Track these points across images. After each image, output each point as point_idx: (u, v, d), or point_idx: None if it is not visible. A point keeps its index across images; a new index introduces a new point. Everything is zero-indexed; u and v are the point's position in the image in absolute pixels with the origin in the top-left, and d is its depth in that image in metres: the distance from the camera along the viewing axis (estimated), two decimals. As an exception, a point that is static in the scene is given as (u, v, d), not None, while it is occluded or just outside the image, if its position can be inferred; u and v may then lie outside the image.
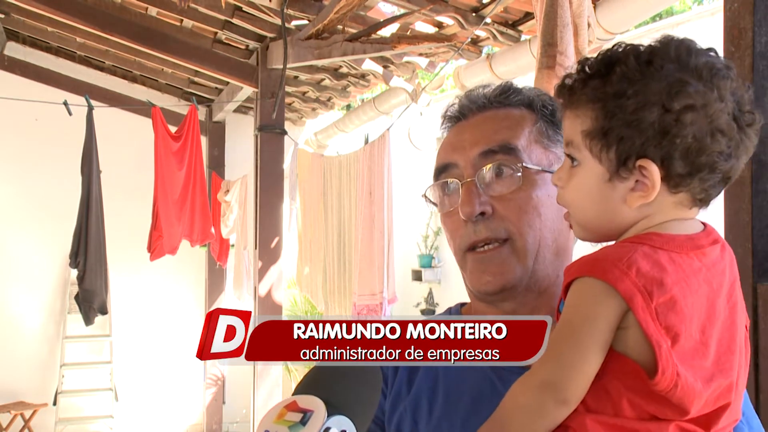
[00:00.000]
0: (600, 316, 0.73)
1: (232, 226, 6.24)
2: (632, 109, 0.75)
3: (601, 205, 0.79)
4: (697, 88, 0.74)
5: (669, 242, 0.76)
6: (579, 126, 0.79)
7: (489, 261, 0.95)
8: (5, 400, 6.46)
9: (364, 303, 4.04)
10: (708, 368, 0.74)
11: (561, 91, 0.83)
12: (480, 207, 0.94)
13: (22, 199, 6.64)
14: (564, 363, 0.73)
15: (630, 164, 0.76)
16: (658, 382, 0.71)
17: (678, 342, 0.72)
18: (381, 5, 4.17)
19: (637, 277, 0.72)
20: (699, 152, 0.75)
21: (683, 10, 7.30)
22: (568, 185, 0.82)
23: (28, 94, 5.67)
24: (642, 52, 0.77)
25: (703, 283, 0.75)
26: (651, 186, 0.76)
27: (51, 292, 6.80)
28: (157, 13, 4.94)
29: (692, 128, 0.74)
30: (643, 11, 2.90)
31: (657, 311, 0.72)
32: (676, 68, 0.75)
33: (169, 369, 7.09)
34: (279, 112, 4.92)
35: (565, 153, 0.83)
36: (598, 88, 0.78)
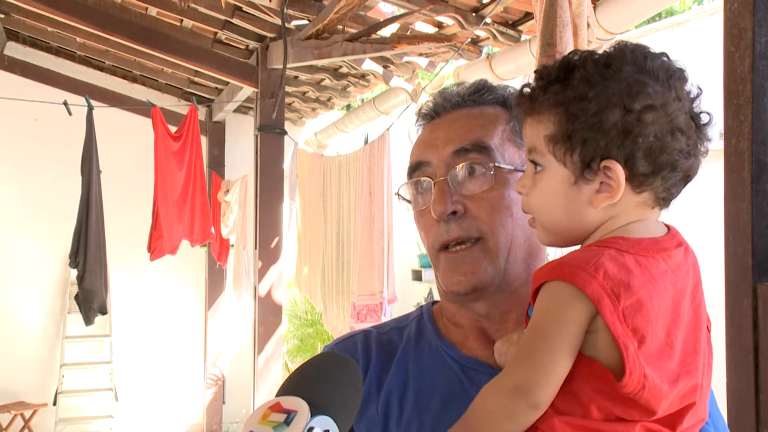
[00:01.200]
0: (569, 319, 0.74)
1: (232, 226, 6.24)
2: (594, 111, 0.76)
3: (567, 209, 0.80)
4: (655, 89, 0.76)
5: (635, 245, 0.77)
6: (542, 131, 0.80)
7: (461, 261, 0.94)
8: (5, 400, 6.46)
9: (363, 303, 4.04)
10: (674, 369, 0.75)
11: (521, 99, 0.83)
12: (452, 206, 0.94)
13: (22, 199, 6.64)
14: (535, 367, 0.74)
15: (594, 166, 0.77)
16: (625, 384, 0.72)
17: (644, 344, 0.73)
18: (381, 5, 4.17)
19: (604, 280, 0.73)
20: (661, 151, 0.77)
21: (683, 10, 7.31)
22: (533, 191, 0.83)
23: (28, 94, 5.67)
24: (599, 56, 0.79)
25: (669, 286, 0.76)
26: (616, 186, 0.77)
27: (51, 292, 6.81)
28: (157, 13, 4.94)
29: (653, 127, 0.76)
30: (643, 11, 2.90)
31: (624, 313, 0.73)
32: (633, 70, 0.77)
33: (169, 369, 7.09)
34: (279, 112, 4.92)
35: (528, 160, 0.83)
36: (559, 93, 0.79)
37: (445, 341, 0.99)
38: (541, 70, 0.83)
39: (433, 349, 0.99)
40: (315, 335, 7.02)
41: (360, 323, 4.00)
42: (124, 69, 6.70)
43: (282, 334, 5.16)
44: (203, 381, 7.02)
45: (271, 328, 4.87)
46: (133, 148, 6.47)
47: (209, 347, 7.03)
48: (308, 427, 0.67)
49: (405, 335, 1.03)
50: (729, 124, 1.41)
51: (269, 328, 4.86)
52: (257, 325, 4.87)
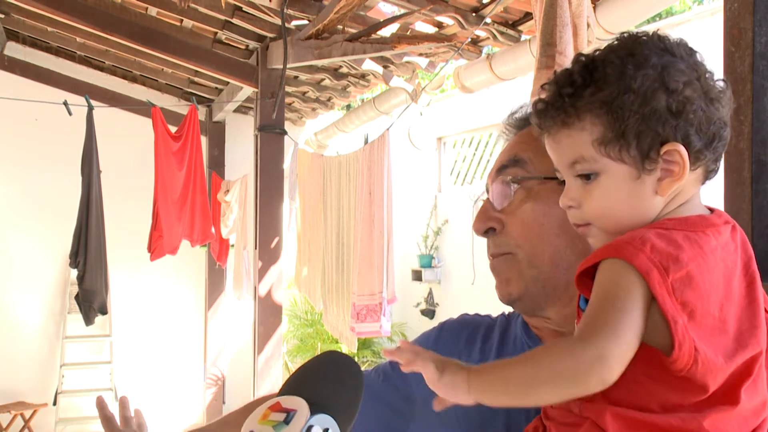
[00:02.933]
0: (631, 287, 0.73)
1: (232, 226, 6.24)
2: (640, 103, 0.76)
3: (633, 205, 0.79)
4: (685, 65, 0.77)
5: (681, 222, 0.77)
6: (588, 137, 0.79)
7: (497, 269, 0.99)
8: (5, 400, 6.46)
9: (363, 303, 4.04)
10: (729, 344, 0.74)
11: (545, 114, 0.82)
12: (487, 223, 0.98)
13: (22, 199, 6.64)
14: (616, 336, 0.71)
15: (653, 154, 0.77)
16: (675, 358, 0.71)
17: (695, 318, 0.72)
18: (381, 5, 4.17)
19: (652, 253, 0.73)
20: (708, 123, 0.77)
21: (683, 10, 7.31)
22: (587, 201, 0.81)
23: (28, 94, 5.67)
24: (617, 49, 0.78)
25: (719, 261, 0.75)
26: (681, 167, 0.77)
27: (51, 292, 6.81)
28: (157, 13, 4.94)
29: (698, 102, 0.76)
30: (643, 11, 2.90)
31: (674, 287, 0.72)
32: (658, 53, 0.77)
33: (169, 369, 7.09)
34: (279, 112, 4.92)
35: (576, 172, 0.81)
36: (596, 94, 0.77)
37: (532, 335, 1.02)
38: (558, 80, 0.81)
39: (517, 342, 1.04)
40: (315, 335, 7.02)
41: (360, 323, 4.00)
42: (124, 69, 6.70)
43: (282, 334, 5.16)
44: (203, 381, 7.03)
45: (271, 328, 4.87)
46: (133, 148, 6.48)
47: (209, 347, 7.03)
48: (307, 426, 0.67)
49: (497, 325, 1.09)
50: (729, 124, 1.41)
51: (269, 328, 4.86)
52: (257, 325, 4.87)
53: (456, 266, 6.53)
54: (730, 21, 1.37)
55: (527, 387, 0.74)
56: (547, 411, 0.82)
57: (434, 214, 7.00)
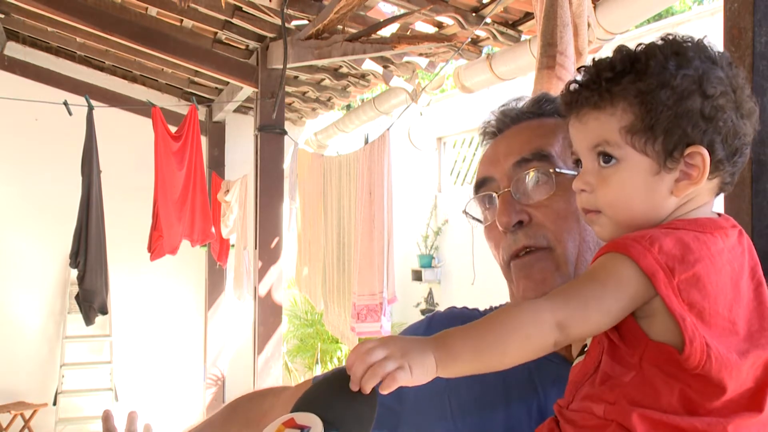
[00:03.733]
0: (623, 280, 0.74)
1: (232, 226, 6.24)
2: (675, 100, 0.76)
3: (646, 199, 0.79)
4: (723, 76, 0.78)
5: (691, 223, 0.78)
6: (616, 123, 0.79)
7: (530, 266, 0.95)
8: (5, 400, 6.46)
9: (363, 303, 4.04)
10: (740, 343, 0.74)
11: (578, 95, 0.82)
12: (516, 216, 0.95)
13: (22, 199, 6.64)
14: (583, 309, 0.74)
15: (677, 154, 0.77)
16: (688, 355, 0.71)
17: (703, 318, 0.73)
18: (381, 5, 4.17)
19: (659, 254, 0.73)
20: (734, 136, 0.78)
21: (683, 10, 7.31)
22: (602, 186, 0.81)
23: (28, 94, 5.67)
24: (664, 46, 0.79)
25: (726, 264, 0.76)
26: (700, 172, 0.77)
27: (51, 292, 6.81)
28: (157, 13, 4.94)
29: (729, 113, 0.77)
30: (643, 11, 2.89)
31: (680, 287, 0.73)
32: (701, 58, 0.78)
33: (169, 369, 7.09)
34: (279, 112, 4.92)
35: (599, 153, 0.81)
36: (635, 82, 0.78)
37: None
38: (598, 64, 0.81)
39: None
40: (315, 335, 7.02)
41: (360, 323, 4.00)
42: (124, 69, 6.70)
43: (282, 334, 5.16)
44: (203, 381, 7.03)
45: (271, 328, 4.87)
46: (133, 148, 6.47)
47: (209, 347, 7.03)
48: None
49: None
50: (729, 124, 1.41)
51: (269, 328, 4.86)
52: (257, 325, 4.87)
53: (456, 266, 6.53)
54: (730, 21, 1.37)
55: (500, 353, 0.74)
56: (565, 414, 0.81)
57: (434, 214, 7.00)
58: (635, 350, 0.76)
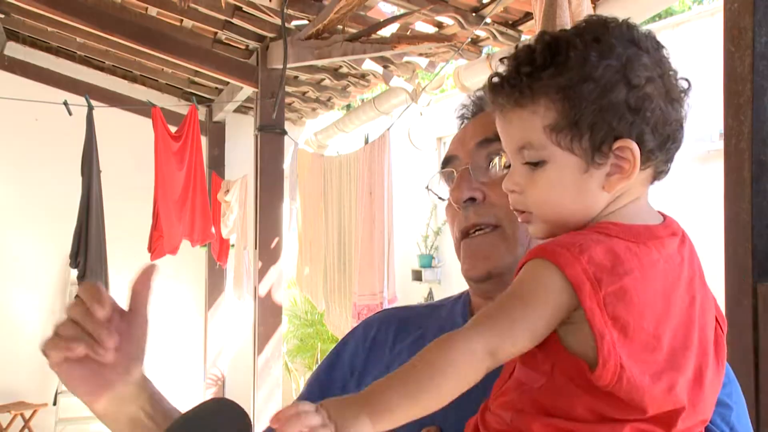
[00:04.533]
0: (549, 293, 0.71)
1: (232, 226, 6.24)
2: (599, 92, 0.72)
3: (576, 198, 0.76)
4: (649, 60, 0.74)
5: (626, 231, 0.74)
6: (539, 122, 0.75)
7: (477, 246, 0.95)
8: (5, 400, 6.46)
9: (364, 303, 4.04)
10: (658, 363, 0.71)
11: (500, 90, 0.77)
12: (469, 193, 0.94)
13: (22, 199, 6.64)
14: (510, 335, 0.71)
15: (605, 149, 0.73)
16: (599, 375, 0.69)
17: (627, 334, 0.70)
18: (381, 5, 4.17)
19: (588, 264, 0.70)
20: (664, 124, 0.74)
21: (683, 10, 7.31)
22: (530, 187, 0.78)
23: (28, 94, 5.67)
24: (584, 33, 0.74)
25: (659, 276, 0.72)
26: (631, 165, 0.74)
27: (51, 292, 6.80)
28: (157, 13, 4.94)
29: (657, 100, 0.73)
30: (643, 11, 2.90)
31: (605, 301, 0.69)
32: (624, 44, 0.74)
33: (169, 369, 7.08)
34: (279, 112, 4.92)
35: (524, 156, 0.77)
36: (555, 77, 0.73)
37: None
38: (518, 56, 0.76)
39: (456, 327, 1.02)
40: (315, 335, 7.02)
41: (360, 323, 4.00)
42: (124, 69, 6.70)
43: (282, 334, 5.16)
44: (203, 381, 7.02)
45: (271, 329, 4.86)
46: (133, 148, 6.47)
47: (209, 347, 7.03)
48: None
49: (436, 313, 1.07)
50: (729, 124, 1.41)
51: (269, 329, 4.86)
52: (257, 326, 4.87)
53: (456, 266, 6.48)
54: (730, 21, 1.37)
55: (436, 396, 0.70)
56: (485, 415, 0.79)
57: (434, 214, 7.00)
58: (548, 358, 0.73)
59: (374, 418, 0.68)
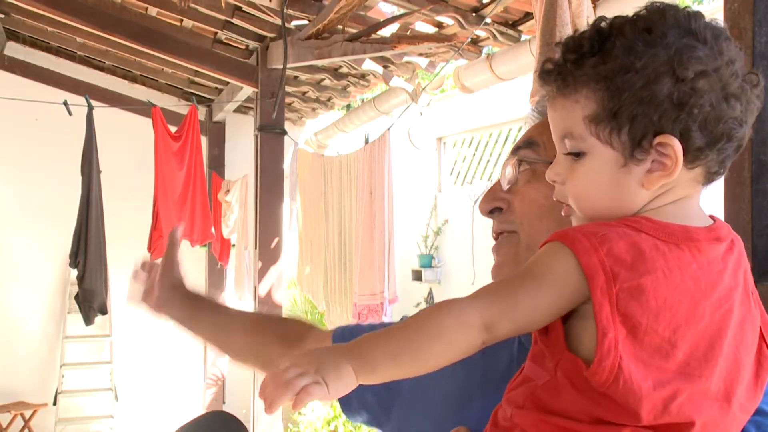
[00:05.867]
0: (561, 278, 0.68)
1: (233, 226, 6.24)
2: (642, 84, 0.69)
3: (614, 193, 0.73)
4: (705, 52, 0.69)
5: (658, 229, 0.70)
6: (580, 112, 0.72)
7: (499, 246, 0.97)
8: (5, 400, 6.46)
9: (364, 303, 4.04)
10: (668, 370, 0.67)
11: (547, 77, 0.75)
12: (492, 203, 0.96)
13: (22, 199, 6.64)
14: (516, 310, 0.69)
15: (645, 144, 0.70)
16: (594, 372, 0.66)
17: (636, 335, 0.67)
18: (381, 5, 4.17)
19: (606, 256, 0.67)
20: (717, 121, 0.69)
21: (683, 10, 7.30)
22: (571, 179, 0.75)
23: (28, 94, 5.67)
24: (637, 20, 0.71)
25: (688, 279, 0.68)
26: (673, 163, 0.70)
27: (51, 292, 6.80)
28: (157, 13, 4.94)
29: (708, 96, 0.69)
30: (643, 11, 2.89)
31: (618, 296, 0.66)
32: (678, 33, 0.70)
33: (169, 369, 7.09)
34: (279, 112, 4.92)
35: (565, 146, 0.75)
36: (598, 66, 0.71)
37: None
38: (568, 42, 0.74)
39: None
40: (315, 335, 7.01)
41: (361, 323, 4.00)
42: (124, 69, 6.70)
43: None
44: (203, 381, 7.02)
45: (271, 328, 4.86)
46: (133, 148, 6.47)
47: (209, 347, 7.01)
48: None
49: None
50: (729, 124, 1.41)
51: (269, 328, 4.85)
52: (257, 325, 4.87)
53: (456, 266, 6.53)
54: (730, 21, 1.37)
55: (421, 360, 0.69)
56: (498, 411, 0.78)
57: (434, 214, 7.00)
58: (553, 356, 0.71)
59: (358, 373, 0.67)
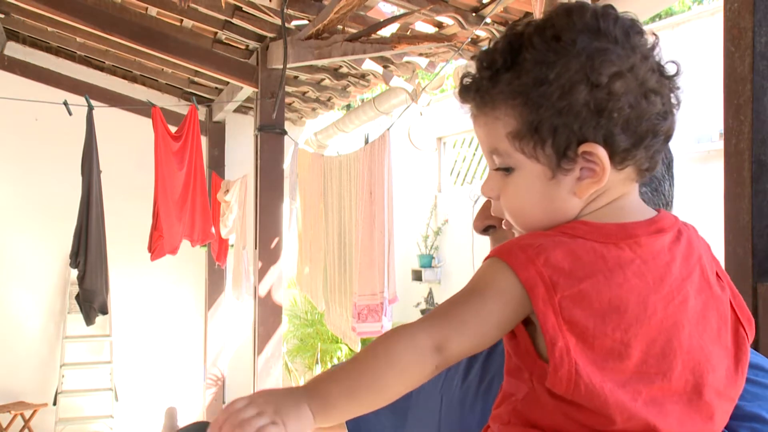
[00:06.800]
0: (503, 294, 0.68)
1: (232, 226, 6.24)
2: (558, 95, 0.67)
3: (548, 206, 0.72)
4: (618, 53, 0.68)
5: (594, 231, 0.70)
6: (502, 129, 0.71)
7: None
8: (5, 400, 6.46)
9: (364, 303, 4.04)
10: (625, 371, 0.67)
11: (466, 94, 0.74)
12: (483, 222, 0.95)
13: (22, 199, 6.64)
14: (466, 329, 0.67)
15: (571, 153, 0.69)
16: (552, 382, 0.66)
17: (587, 340, 0.66)
18: (381, 5, 4.17)
19: (544, 267, 0.66)
20: (639, 120, 0.68)
21: (683, 10, 7.31)
22: (504, 194, 0.74)
23: (28, 94, 5.67)
24: (545, 28, 0.69)
25: (632, 277, 0.67)
26: (601, 169, 0.69)
27: (51, 292, 6.80)
28: (157, 13, 4.94)
29: (626, 97, 0.67)
30: (643, 11, 2.90)
31: (561, 305, 0.66)
32: (588, 37, 0.68)
33: (169, 369, 7.09)
34: (279, 112, 4.92)
35: (494, 162, 0.74)
36: (513, 82, 0.69)
37: None
38: (482, 57, 0.72)
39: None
40: (315, 335, 7.02)
41: (361, 323, 4.00)
42: (124, 69, 6.70)
43: (282, 334, 5.16)
44: (203, 381, 7.02)
45: (271, 329, 4.87)
46: (133, 148, 6.47)
47: (209, 347, 7.03)
48: None
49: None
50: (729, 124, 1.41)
51: (269, 329, 4.86)
52: (257, 326, 4.87)
53: (456, 266, 6.53)
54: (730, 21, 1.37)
55: (379, 392, 0.68)
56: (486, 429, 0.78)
57: (434, 214, 7.00)
58: (528, 366, 0.71)
59: (317, 414, 0.66)
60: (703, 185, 3.90)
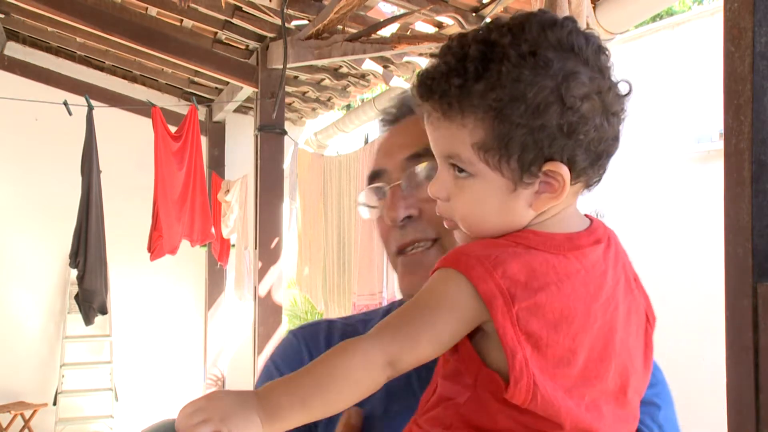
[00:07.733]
0: (459, 306, 0.69)
1: (233, 226, 6.24)
2: (532, 113, 0.68)
3: (504, 215, 0.73)
4: (589, 75, 0.69)
5: (546, 242, 0.71)
6: (467, 138, 0.70)
7: (418, 264, 0.91)
8: (5, 400, 6.46)
9: (363, 303, 4.04)
10: (572, 377, 0.69)
11: (428, 95, 0.72)
12: (405, 211, 0.92)
13: (22, 199, 6.64)
14: (417, 342, 0.69)
15: (535, 170, 0.70)
16: (512, 394, 0.67)
17: (540, 349, 0.68)
18: (381, 5, 4.18)
19: (502, 279, 0.67)
20: (598, 142, 0.70)
21: (683, 10, 7.31)
22: (458, 198, 0.74)
23: (28, 94, 5.67)
24: (520, 42, 0.68)
25: (579, 287, 0.70)
26: (562, 186, 0.71)
27: (51, 292, 6.81)
28: (157, 13, 4.95)
29: (593, 120, 0.69)
30: (643, 11, 2.90)
31: (518, 316, 0.67)
32: (563, 57, 0.68)
33: (169, 369, 7.09)
34: (279, 112, 4.92)
35: (451, 164, 0.73)
36: (486, 95, 0.68)
37: None
38: (449, 61, 0.71)
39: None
40: (315, 335, 7.02)
41: (360, 323, 4.00)
42: (124, 69, 6.70)
43: (282, 334, 5.16)
44: (203, 381, 7.02)
45: (271, 329, 4.87)
46: (133, 148, 6.47)
47: (209, 347, 7.03)
48: None
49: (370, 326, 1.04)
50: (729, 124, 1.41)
51: (269, 329, 4.86)
52: (257, 326, 4.87)
53: (456, 266, 6.53)
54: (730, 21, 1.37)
55: (330, 402, 0.69)
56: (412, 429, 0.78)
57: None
58: (470, 372, 0.71)
59: (266, 422, 0.66)
60: (703, 185, 3.90)
